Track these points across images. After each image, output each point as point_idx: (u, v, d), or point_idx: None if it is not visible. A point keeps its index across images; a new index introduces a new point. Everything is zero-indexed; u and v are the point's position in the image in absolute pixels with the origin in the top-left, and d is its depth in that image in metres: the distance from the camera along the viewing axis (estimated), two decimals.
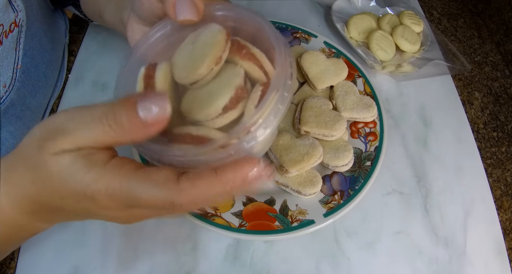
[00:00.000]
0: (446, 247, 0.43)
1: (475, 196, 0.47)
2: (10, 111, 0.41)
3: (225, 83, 0.28)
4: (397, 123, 0.51)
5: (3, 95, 0.40)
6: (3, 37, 0.38)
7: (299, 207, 0.42)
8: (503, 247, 0.43)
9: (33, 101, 0.46)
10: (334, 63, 0.51)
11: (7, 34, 0.39)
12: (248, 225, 0.40)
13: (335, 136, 0.45)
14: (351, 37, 0.57)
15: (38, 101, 0.47)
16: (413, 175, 0.47)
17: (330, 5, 0.60)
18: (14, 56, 0.41)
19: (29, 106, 0.45)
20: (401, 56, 0.56)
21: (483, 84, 0.59)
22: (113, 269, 0.39)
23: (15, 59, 0.41)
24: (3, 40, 0.38)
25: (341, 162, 0.44)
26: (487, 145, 0.53)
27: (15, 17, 0.39)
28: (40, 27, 0.45)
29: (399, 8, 0.60)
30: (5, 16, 0.38)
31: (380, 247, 0.42)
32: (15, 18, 0.39)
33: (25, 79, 0.43)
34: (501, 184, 0.49)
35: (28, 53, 0.43)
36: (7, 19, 0.38)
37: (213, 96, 0.28)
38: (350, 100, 0.48)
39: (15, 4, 0.39)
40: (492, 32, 0.66)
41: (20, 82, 0.42)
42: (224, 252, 0.41)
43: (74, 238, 0.40)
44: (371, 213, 0.44)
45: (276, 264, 0.40)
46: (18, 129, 0.43)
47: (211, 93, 0.28)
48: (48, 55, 0.48)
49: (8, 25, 0.39)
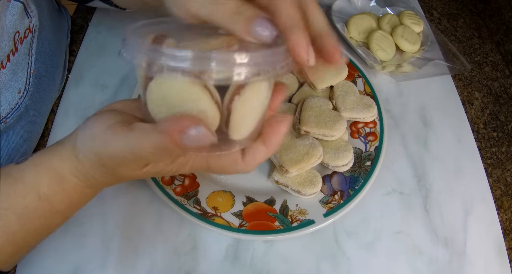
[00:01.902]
0: (446, 247, 0.43)
1: (475, 196, 0.47)
2: (24, 117, 0.41)
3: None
4: (397, 123, 0.51)
5: (18, 101, 0.39)
6: (19, 44, 0.38)
7: (299, 207, 0.42)
8: (503, 247, 0.43)
9: (44, 106, 0.46)
10: None
11: (22, 41, 0.39)
12: (248, 225, 0.40)
13: (335, 136, 0.45)
14: (351, 37, 0.57)
15: (47, 105, 0.47)
16: (413, 175, 0.47)
17: (330, 5, 0.60)
18: (28, 61, 0.41)
19: (41, 111, 0.45)
20: (401, 56, 0.56)
21: (483, 84, 0.59)
22: (113, 269, 0.39)
23: (28, 64, 0.41)
24: (18, 47, 0.38)
25: (341, 162, 0.44)
26: (487, 145, 0.53)
27: (29, 23, 0.39)
28: (50, 30, 0.45)
29: (399, 8, 0.60)
30: (21, 23, 0.38)
31: (380, 247, 0.42)
32: (29, 24, 0.39)
33: (38, 83, 0.43)
34: (501, 184, 0.49)
35: (40, 57, 0.43)
36: (23, 26, 0.38)
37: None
38: (350, 100, 0.48)
39: (30, 10, 0.39)
40: (492, 32, 0.66)
41: (34, 87, 0.42)
42: (224, 252, 0.41)
43: (74, 238, 0.40)
44: (371, 213, 0.44)
45: (276, 264, 0.40)
46: (31, 134, 0.43)
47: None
48: (56, 58, 0.48)
49: (23, 31, 0.39)
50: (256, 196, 0.43)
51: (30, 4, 0.39)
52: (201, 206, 0.41)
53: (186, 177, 0.43)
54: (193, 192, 0.42)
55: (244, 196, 0.42)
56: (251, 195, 0.43)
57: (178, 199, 0.41)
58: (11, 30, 0.37)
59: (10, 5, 0.36)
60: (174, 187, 0.42)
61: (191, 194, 0.42)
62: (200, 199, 0.41)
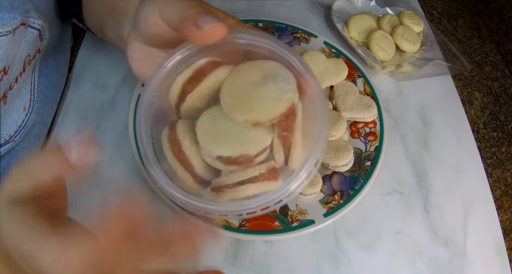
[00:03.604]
0: (446, 247, 0.43)
1: (475, 196, 0.47)
2: (31, 132, 0.41)
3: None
4: (397, 123, 0.51)
5: (24, 119, 0.39)
6: (27, 65, 0.38)
7: (299, 207, 0.42)
8: (503, 247, 0.43)
9: (49, 117, 0.45)
10: (334, 63, 0.51)
11: (30, 61, 0.38)
12: (248, 225, 0.40)
13: (335, 136, 0.45)
14: (351, 37, 0.57)
15: (52, 115, 0.47)
16: (413, 175, 0.47)
17: (330, 5, 0.60)
18: (31, 78, 0.40)
19: (45, 123, 0.45)
20: (401, 56, 0.56)
21: (483, 84, 0.59)
22: None
23: (32, 81, 0.41)
24: (26, 68, 0.38)
25: (341, 162, 0.44)
26: (487, 145, 0.53)
27: (41, 45, 0.39)
28: (55, 44, 0.45)
29: (399, 8, 0.60)
30: (33, 47, 0.38)
31: (380, 247, 0.42)
32: (40, 46, 0.39)
33: (43, 98, 0.42)
34: (501, 184, 0.49)
35: (44, 72, 0.43)
36: (35, 49, 0.38)
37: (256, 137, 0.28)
38: (350, 100, 0.48)
39: (43, 34, 0.39)
40: (492, 32, 0.66)
41: (39, 102, 0.41)
42: (224, 252, 0.41)
43: None
44: (371, 213, 0.44)
45: (276, 264, 0.40)
46: (36, 147, 0.42)
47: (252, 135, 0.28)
48: (62, 68, 0.48)
49: (34, 53, 0.38)
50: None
51: (45, 29, 0.38)
52: None
53: None
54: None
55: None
56: None
57: None
58: (24, 55, 0.36)
59: (27, 32, 0.36)
60: None
61: None
62: None
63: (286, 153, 0.28)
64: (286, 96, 0.27)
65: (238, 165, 0.27)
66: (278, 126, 0.28)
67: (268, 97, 0.27)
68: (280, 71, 0.28)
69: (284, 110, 0.27)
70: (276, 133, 0.28)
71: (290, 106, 0.27)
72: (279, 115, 0.27)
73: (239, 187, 0.27)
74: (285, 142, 0.28)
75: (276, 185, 0.27)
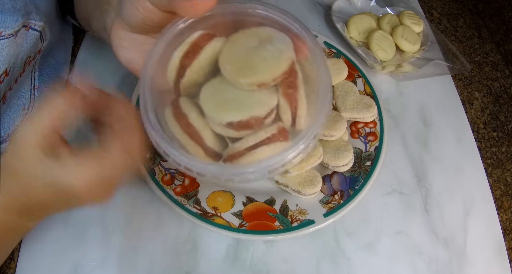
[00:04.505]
0: (446, 247, 0.43)
1: (475, 196, 0.47)
2: None
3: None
4: (397, 123, 0.51)
5: (23, 118, 0.39)
6: (27, 65, 0.38)
7: (299, 207, 0.42)
8: (503, 247, 0.43)
9: None
10: (334, 63, 0.51)
11: (30, 62, 0.39)
12: (248, 225, 0.40)
13: (335, 136, 0.45)
14: (351, 37, 0.57)
15: None
16: (413, 175, 0.47)
17: (330, 5, 0.60)
18: (30, 78, 0.41)
19: None
20: (401, 56, 0.56)
21: (483, 84, 0.59)
22: (113, 268, 0.39)
23: (32, 81, 0.41)
24: (26, 68, 0.38)
25: (341, 162, 0.44)
26: (487, 145, 0.53)
27: (41, 46, 0.39)
28: (56, 44, 0.45)
29: (399, 8, 0.60)
30: (34, 48, 0.38)
31: (380, 247, 0.42)
32: (41, 47, 0.39)
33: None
34: (501, 184, 0.49)
35: (44, 71, 0.43)
36: (35, 50, 0.38)
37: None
38: (350, 100, 0.48)
39: (44, 35, 0.39)
40: (492, 32, 0.66)
41: (39, 102, 0.41)
42: (224, 252, 0.41)
43: (74, 238, 0.40)
44: (371, 213, 0.44)
45: (276, 264, 0.40)
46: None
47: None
48: (62, 68, 0.48)
49: (34, 54, 0.39)
50: (256, 196, 0.43)
51: (46, 30, 0.39)
52: (201, 206, 0.41)
53: (186, 177, 0.43)
54: (193, 192, 0.42)
55: (244, 196, 0.42)
56: (251, 195, 0.43)
57: (178, 199, 0.41)
58: (25, 56, 0.37)
59: (28, 34, 0.36)
60: (174, 187, 0.42)
61: (191, 194, 0.42)
62: (200, 199, 0.41)
63: (293, 112, 0.28)
64: (285, 54, 0.27)
65: (250, 129, 0.27)
66: (282, 85, 0.28)
67: (268, 58, 0.27)
68: (275, 34, 0.28)
69: (286, 67, 0.27)
70: (281, 93, 0.28)
71: (291, 64, 0.27)
72: (282, 73, 0.27)
73: (253, 151, 0.27)
74: (291, 100, 0.28)
75: (286, 147, 0.27)
